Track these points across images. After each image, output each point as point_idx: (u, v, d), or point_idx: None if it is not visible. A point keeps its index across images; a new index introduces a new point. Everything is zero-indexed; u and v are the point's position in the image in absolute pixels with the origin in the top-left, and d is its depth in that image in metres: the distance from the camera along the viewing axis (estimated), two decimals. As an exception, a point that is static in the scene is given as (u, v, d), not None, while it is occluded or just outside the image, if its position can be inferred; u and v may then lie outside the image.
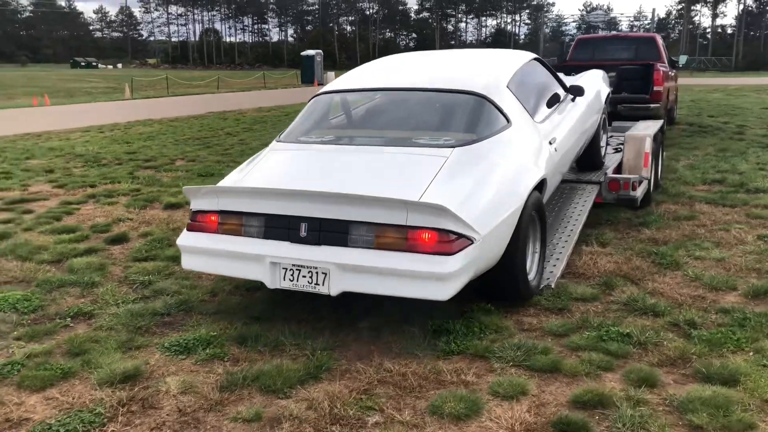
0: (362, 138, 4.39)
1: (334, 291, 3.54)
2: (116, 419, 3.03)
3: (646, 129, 7.34)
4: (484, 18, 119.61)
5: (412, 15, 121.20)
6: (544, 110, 4.95)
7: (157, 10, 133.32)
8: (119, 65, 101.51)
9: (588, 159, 6.48)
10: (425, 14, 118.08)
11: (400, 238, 3.42)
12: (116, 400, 3.15)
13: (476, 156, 3.95)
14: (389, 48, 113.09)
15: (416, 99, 4.58)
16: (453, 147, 3.96)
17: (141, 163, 10.87)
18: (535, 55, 5.44)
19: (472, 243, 3.43)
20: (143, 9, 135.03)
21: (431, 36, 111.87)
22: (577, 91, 5.51)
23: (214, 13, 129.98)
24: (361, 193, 3.48)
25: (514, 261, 3.93)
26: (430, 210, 3.36)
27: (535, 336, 3.87)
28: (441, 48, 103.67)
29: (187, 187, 4.01)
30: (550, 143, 4.64)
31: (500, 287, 4.10)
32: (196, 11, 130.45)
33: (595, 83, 6.54)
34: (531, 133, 4.46)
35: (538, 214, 4.32)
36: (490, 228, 3.60)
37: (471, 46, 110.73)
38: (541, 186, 4.41)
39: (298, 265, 3.59)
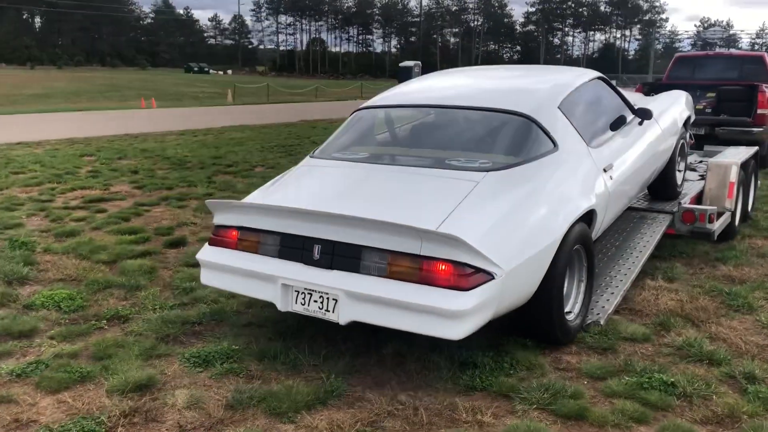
0: (397, 157, 4.23)
1: (342, 320, 3.37)
2: (116, 430, 3.00)
3: (734, 156, 6.79)
4: (591, 32, 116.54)
5: (518, 28, 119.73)
6: (603, 134, 4.62)
7: (267, 19, 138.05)
8: (229, 71, 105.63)
9: (661, 187, 6.04)
10: (531, 27, 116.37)
11: (413, 268, 3.22)
12: (121, 410, 3.13)
13: (512, 182, 3.69)
14: (492, 60, 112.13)
15: (460, 117, 4.37)
16: (487, 171, 3.72)
17: (222, 168, 11.13)
18: (598, 74, 5.10)
19: (493, 278, 3.18)
20: (254, 18, 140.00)
21: (536, 49, 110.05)
22: (644, 114, 5.12)
23: (321, 23, 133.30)
24: (376, 218, 3.30)
25: (548, 299, 3.65)
26: (445, 240, 3.13)
27: (569, 377, 3.58)
28: (546, 62, 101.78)
29: (210, 200, 3.97)
30: (605, 170, 4.30)
31: (533, 326, 3.83)
32: (304, 21, 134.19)
33: (671, 105, 6.09)
34: (581, 159, 4.14)
35: (584, 248, 4.02)
36: (518, 263, 3.33)
37: (576, 61, 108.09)
38: (590, 217, 4.10)
39: (310, 289, 3.45)
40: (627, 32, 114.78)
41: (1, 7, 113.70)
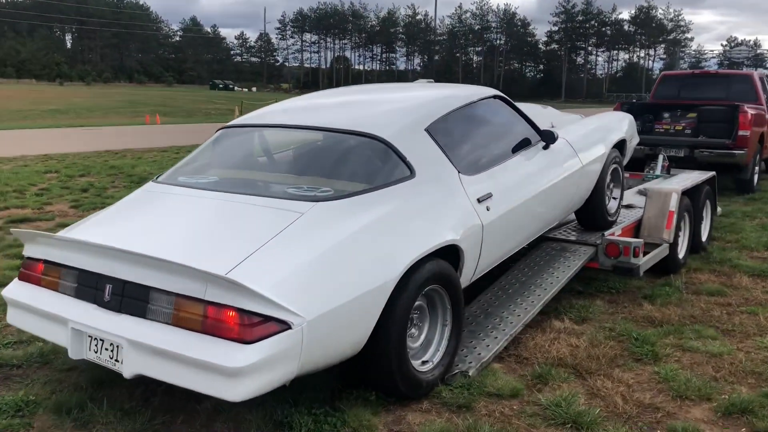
0: (239, 184, 3.76)
1: (127, 373, 2.89)
2: None
3: (680, 182, 6.24)
4: (615, 51, 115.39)
5: (541, 46, 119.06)
6: (487, 160, 4.13)
7: (292, 37, 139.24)
8: (254, 89, 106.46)
9: (589, 216, 5.51)
10: (554, 46, 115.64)
11: (198, 315, 2.75)
12: None
13: (345, 213, 3.20)
14: (514, 78, 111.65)
15: (317, 139, 3.92)
16: (317, 201, 3.25)
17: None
18: (495, 92, 4.60)
19: (290, 328, 2.71)
20: (280, 36, 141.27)
21: (559, 68, 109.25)
22: (547, 137, 4.61)
23: (345, 41, 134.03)
24: (164, 256, 2.85)
25: (385, 349, 3.16)
26: (228, 284, 2.68)
27: (398, 442, 3.08)
28: (568, 81, 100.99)
29: (17, 229, 3.56)
30: (480, 201, 3.81)
31: (373, 379, 3.34)
32: (328, 39, 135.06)
33: (598, 128, 5.56)
34: (445, 187, 3.65)
35: (445, 289, 3.53)
36: (329, 308, 2.85)
37: (599, 80, 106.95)
38: (455, 254, 3.61)
39: (99, 336, 3.01)
40: (651, 51, 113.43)
41: (33, 24, 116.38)
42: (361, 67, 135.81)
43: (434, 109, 3.97)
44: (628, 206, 6.39)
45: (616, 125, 5.77)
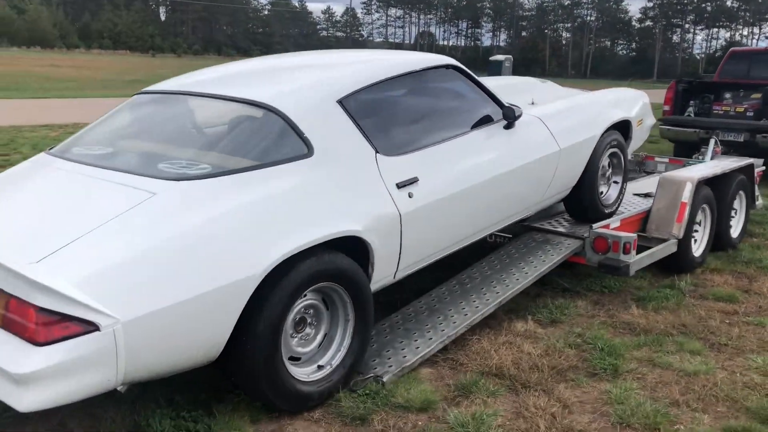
0: (118, 156, 3.32)
1: None
2: None
3: (699, 170, 5.49)
4: (715, 29, 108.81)
5: (635, 23, 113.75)
6: (422, 139, 3.60)
7: (377, 11, 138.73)
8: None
9: (576, 207, 4.89)
10: (648, 23, 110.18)
11: (1, 309, 2.42)
12: None
13: (210, 194, 2.76)
14: (604, 56, 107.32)
15: (206, 107, 3.50)
16: (177, 180, 2.80)
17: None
18: (448, 62, 4.03)
19: (97, 330, 2.33)
20: (365, 11, 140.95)
21: (652, 46, 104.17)
22: (508, 114, 4.02)
23: (431, 16, 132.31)
24: None
25: (251, 359, 2.75)
26: (19, 275, 2.33)
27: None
28: (661, 61, 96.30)
29: None
30: (401, 186, 3.30)
31: (249, 386, 2.92)
32: (413, 14, 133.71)
33: (589, 105, 4.87)
34: (348, 169, 3.17)
35: (344, 288, 3.08)
36: (157, 308, 2.43)
37: (696, 60, 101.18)
38: (363, 246, 3.15)
39: None
40: (755, 30, 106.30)
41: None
42: (446, 43, 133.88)
43: (355, 79, 3.46)
44: (647, 195, 5.71)
45: (618, 103, 5.08)
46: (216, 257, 2.62)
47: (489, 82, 6.15)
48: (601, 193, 4.95)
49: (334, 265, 2.99)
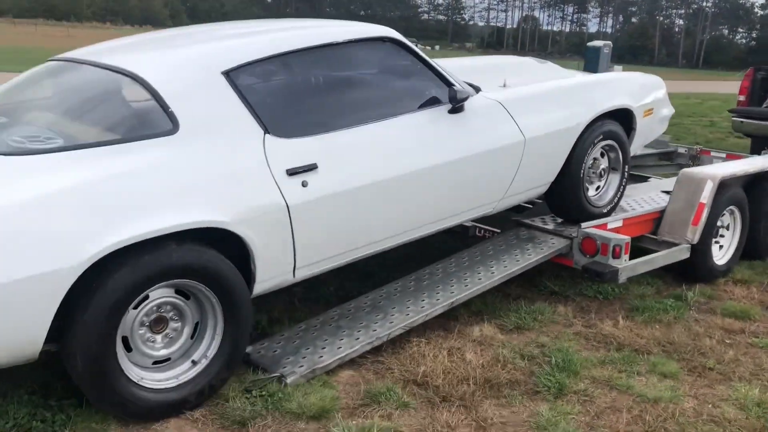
0: None
1: None
2: None
3: (726, 167, 4.84)
4: None
5: (757, 10, 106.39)
6: (329, 120, 3.20)
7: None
8: (437, 47, 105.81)
9: (557, 204, 4.37)
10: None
11: None
12: None
13: (37, 173, 2.47)
14: (720, 45, 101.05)
15: (92, 76, 3.15)
16: (8, 155, 2.53)
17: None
18: (386, 34, 3.53)
19: None
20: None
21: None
22: (454, 96, 3.49)
23: (536, 0, 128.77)
24: None
25: (83, 361, 2.49)
26: None
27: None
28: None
29: None
30: (292, 173, 2.91)
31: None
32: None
33: (573, 89, 4.27)
34: (223, 150, 2.80)
35: (210, 289, 2.75)
36: None
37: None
38: (232, 241, 2.80)
39: None
40: None
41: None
42: (550, 28, 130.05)
43: (250, 49, 3.09)
44: (668, 193, 5.10)
45: (618, 89, 4.45)
46: (32, 242, 2.34)
47: (467, 61, 5.68)
48: (597, 188, 4.42)
49: (186, 261, 2.64)
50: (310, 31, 3.42)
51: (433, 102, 3.54)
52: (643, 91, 4.66)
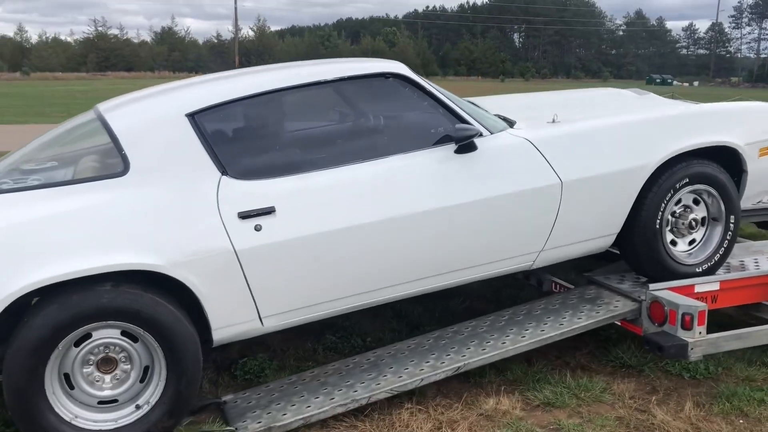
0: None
1: None
2: None
3: None
4: None
5: None
6: (304, 162, 3.01)
7: (749, 25, 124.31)
8: (695, 83, 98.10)
9: (633, 258, 3.67)
10: None
11: None
12: None
13: None
14: None
15: (87, 125, 3.30)
16: None
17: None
18: (391, 70, 3.20)
19: None
20: (733, 25, 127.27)
21: None
22: (459, 136, 3.05)
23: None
24: None
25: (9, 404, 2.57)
26: None
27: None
28: None
29: None
30: (244, 217, 2.78)
31: None
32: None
33: (639, 124, 3.50)
34: (172, 193, 2.75)
35: (146, 330, 2.70)
36: None
37: None
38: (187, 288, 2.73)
39: None
40: None
41: (486, 26, 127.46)
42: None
43: (216, 91, 3.03)
44: None
45: (713, 122, 3.59)
46: None
47: (553, 95, 5.09)
48: (692, 242, 3.64)
49: (118, 304, 2.61)
50: (296, 71, 3.27)
51: (436, 141, 3.18)
52: (759, 124, 3.76)
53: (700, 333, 3.20)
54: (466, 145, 3.12)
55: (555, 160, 3.28)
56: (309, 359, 3.67)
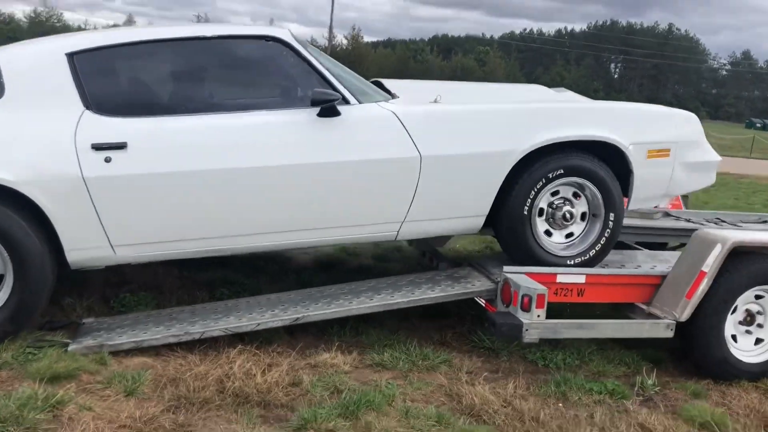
0: None
1: None
2: None
3: (754, 231, 3.63)
4: None
5: None
6: (167, 106, 3.31)
7: None
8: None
9: (506, 244, 3.74)
10: None
11: None
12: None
13: None
14: None
15: None
16: None
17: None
18: (274, 34, 3.40)
19: None
20: None
21: None
22: (315, 99, 3.23)
23: None
24: None
25: None
26: None
27: None
28: None
29: None
30: (97, 147, 3.07)
31: None
32: None
33: (518, 112, 3.58)
34: (36, 119, 3.08)
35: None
36: None
37: None
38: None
39: None
40: None
41: (583, 54, 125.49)
42: None
43: (99, 37, 3.33)
44: None
45: (596, 118, 3.59)
46: None
47: (493, 86, 5.13)
48: (569, 235, 3.68)
49: None
50: (180, 27, 3.56)
51: (299, 104, 3.37)
52: (650, 126, 3.76)
53: (538, 316, 3.24)
54: (327, 108, 3.29)
55: (417, 135, 3.40)
56: (189, 304, 3.89)
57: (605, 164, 3.63)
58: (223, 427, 2.62)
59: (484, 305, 3.59)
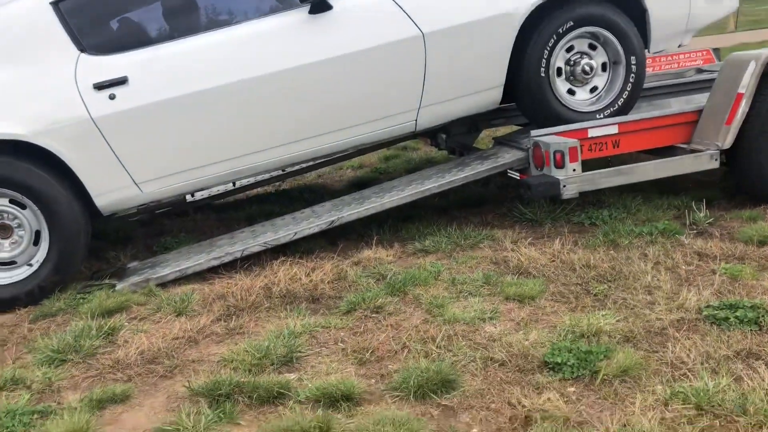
0: None
1: None
2: None
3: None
4: None
5: None
6: (154, 36, 3.24)
7: None
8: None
9: (530, 110, 3.62)
10: None
11: None
12: None
13: None
14: None
15: None
16: None
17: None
18: None
19: None
20: None
21: None
22: None
23: None
24: None
25: None
26: None
27: None
28: None
29: None
30: (98, 87, 3.05)
31: None
32: None
33: None
34: (34, 71, 3.10)
35: (23, 195, 3.08)
36: None
37: None
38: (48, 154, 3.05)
39: None
40: None
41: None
42: None
43: None
44: None
45: None
46: None
47: None
48: (594, 89, 3.55)
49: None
50: None
51: (289, 6, 3.29)
52: None
53: (574, 170, 3.15)
54: (317, 3, 3.20)
55: (415, 13, 3.29)
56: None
57: (616, 7, 3.46)
58: (275, 323, 2.63)
59: (518, 177, 3.50)
